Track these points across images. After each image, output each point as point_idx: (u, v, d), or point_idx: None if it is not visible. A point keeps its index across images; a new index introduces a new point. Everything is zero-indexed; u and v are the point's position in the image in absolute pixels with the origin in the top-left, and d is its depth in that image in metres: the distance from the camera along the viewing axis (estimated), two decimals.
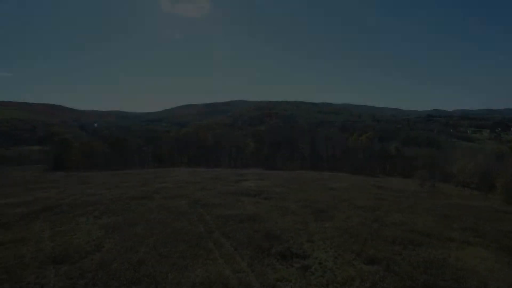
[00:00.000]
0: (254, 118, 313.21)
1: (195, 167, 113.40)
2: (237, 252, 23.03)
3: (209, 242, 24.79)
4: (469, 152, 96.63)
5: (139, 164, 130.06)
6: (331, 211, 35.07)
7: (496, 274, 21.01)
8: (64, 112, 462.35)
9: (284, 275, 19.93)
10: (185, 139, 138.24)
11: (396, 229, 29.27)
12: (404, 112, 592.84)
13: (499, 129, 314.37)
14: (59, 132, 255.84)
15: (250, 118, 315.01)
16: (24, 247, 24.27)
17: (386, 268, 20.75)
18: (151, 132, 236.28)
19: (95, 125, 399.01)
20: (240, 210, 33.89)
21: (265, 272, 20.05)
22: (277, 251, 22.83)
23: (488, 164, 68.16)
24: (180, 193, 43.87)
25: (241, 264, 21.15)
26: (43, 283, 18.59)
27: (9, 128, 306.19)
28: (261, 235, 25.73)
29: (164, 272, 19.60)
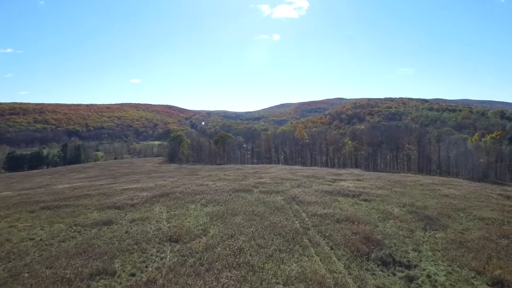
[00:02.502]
0: (353, 116, 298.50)
1: (291, 164, 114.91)
2: (333, 252, 22.46)
3: (305, 238, 24.82)
4: None
5: (240, 159, 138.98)
6: (443, 220, 30.88)
7: None
8: (178, 112, 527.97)
9: (385, 282, 18.50)
10: (282, 137, 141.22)
11: None
12: None
13: None
14: (174, 130, 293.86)
15: (349, 116, 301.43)
16: (148, 225, 28.76)
17: None
18: (251, 130, 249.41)
19: (203, 123, 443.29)
20: (337, 210, 32.85)
21: (363, 277, 18.99)
22: (378, 256, 21.34)
23: None
24: (277, 189, 45.10)
25: (337, 265, 20.54)
26: (162, 257, 21.72)
27: (139, 125, 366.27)
28: (359, 237, 24.44)
29: (261, 262, 20.51)
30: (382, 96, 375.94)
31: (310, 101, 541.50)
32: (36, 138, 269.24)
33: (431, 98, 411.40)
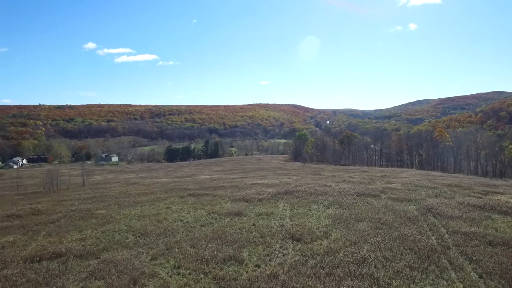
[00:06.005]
0: None
1: (428, 170, 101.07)
2: (483, 281, 18.53)
3: (443, 258, 21.37)
4: None
5: (366, 161, 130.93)
6: None
7: None
8: (303, 111, 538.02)
9: None
10: (417, 138, 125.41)
11: None
12: None
13: None
14: (299, 129, 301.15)
15: (511, 114, 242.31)
16: (272, 221, 30.43)
17: None
18: (379, 129, 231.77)
19: (327, 122, 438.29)
20: (490, 230, 26.97)
21: None
22: None
23: None
24: (408, 196, 40.45)
25: None
26: (284, 253, 22.59)
27: (267, 124, 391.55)
28: None
29: (387, 276, 18.78)
30: None
31: (454, 97, 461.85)
32: (186, 134, 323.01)
33: None
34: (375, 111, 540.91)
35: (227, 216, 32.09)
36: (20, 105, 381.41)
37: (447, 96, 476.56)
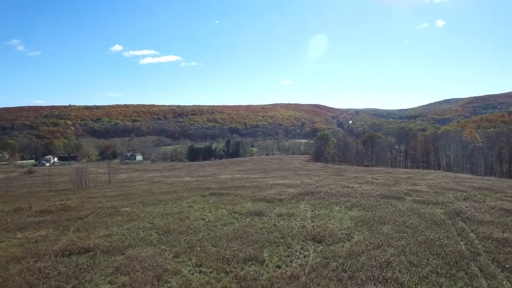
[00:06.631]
0: None
1: (456, 172, 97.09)
2: None
3: (473, 265, 20.46)
4: None
5: (390, 162, 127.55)
6: None
7: None
8: (325, 110, 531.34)
9: None
10: (445, 138, 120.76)
11: None
12: None
13: None
14: (320, 128, 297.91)
15: None
16: (293, 221, 30.25)
17: None
18: (404, 130, 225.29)
19: (350, 122, 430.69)
20: None
21: None
22: None
23: None
24: (435, 199, 39.03)
25: None
26: (305, 254, 22.40)
27: (288, 124, 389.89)
28: None
29: (413, 282, 18.19)
30: None
31: (485, 95, 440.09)
32: (208, 134, 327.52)
33: None
34: (400, 110, 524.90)
35: (248, 216, 32.23)
36: (52, 105, 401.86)
37: (477, 95, 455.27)
